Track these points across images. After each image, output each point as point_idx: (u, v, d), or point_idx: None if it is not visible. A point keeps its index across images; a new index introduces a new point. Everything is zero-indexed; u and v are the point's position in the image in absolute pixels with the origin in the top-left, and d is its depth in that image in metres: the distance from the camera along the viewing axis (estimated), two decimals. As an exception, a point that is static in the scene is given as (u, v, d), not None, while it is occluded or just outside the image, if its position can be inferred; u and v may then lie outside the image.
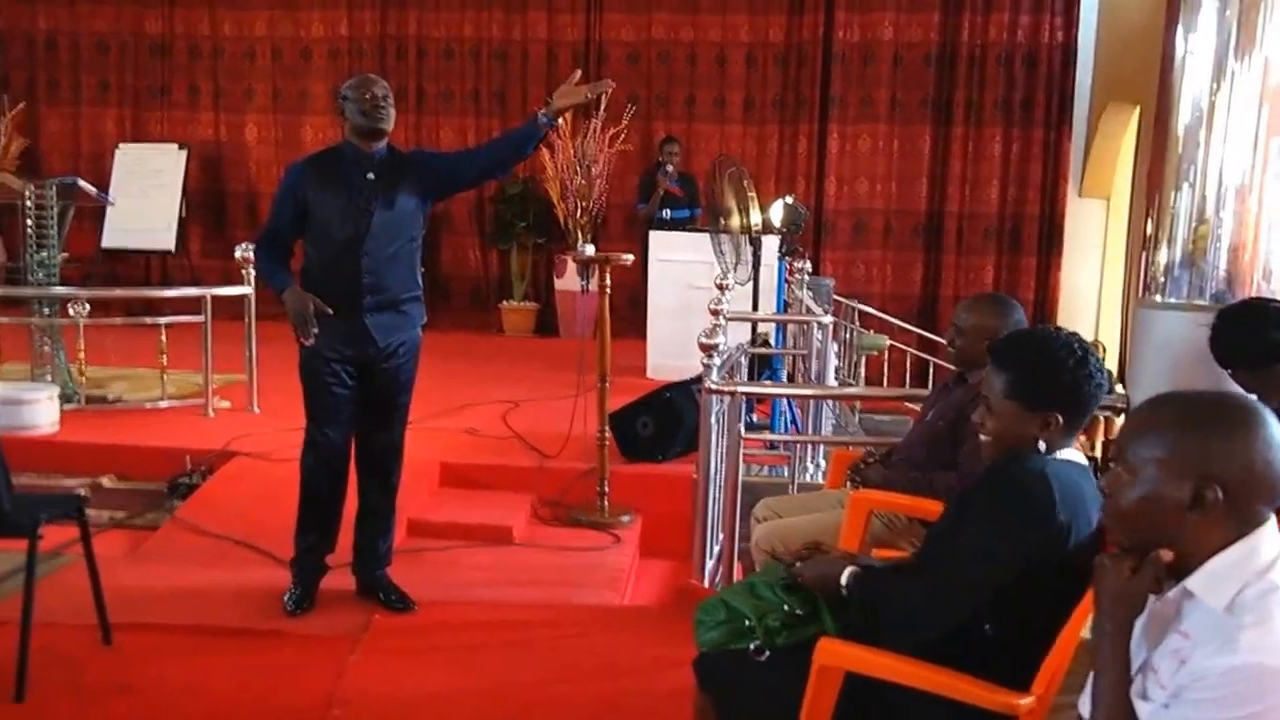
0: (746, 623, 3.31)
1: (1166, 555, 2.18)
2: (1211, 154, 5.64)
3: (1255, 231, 5.61)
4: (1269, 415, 2.17)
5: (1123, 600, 2.24)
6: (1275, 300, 4.59)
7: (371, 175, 5.18)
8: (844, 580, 3.22)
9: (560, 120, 5.42)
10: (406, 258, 5.33)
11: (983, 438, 3.23)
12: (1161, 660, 2.16)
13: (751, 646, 3.26)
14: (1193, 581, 2.16)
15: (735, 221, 8.53)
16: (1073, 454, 3.10)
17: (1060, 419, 3.09)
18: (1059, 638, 2.91)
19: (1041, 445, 3.11)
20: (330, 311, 5.09)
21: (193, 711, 4.51)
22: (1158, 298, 5.77)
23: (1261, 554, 2.12)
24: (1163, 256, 5.78)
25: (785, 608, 3.30)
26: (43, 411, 7.78)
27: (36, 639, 4.45)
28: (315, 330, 5.08)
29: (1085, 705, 2.41)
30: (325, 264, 5.20)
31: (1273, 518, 2.16)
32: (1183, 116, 5.74)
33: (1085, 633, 2.76)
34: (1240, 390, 3.07)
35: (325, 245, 5.20)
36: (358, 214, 5.14)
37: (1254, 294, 5.47)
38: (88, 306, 8.27)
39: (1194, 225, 5.69)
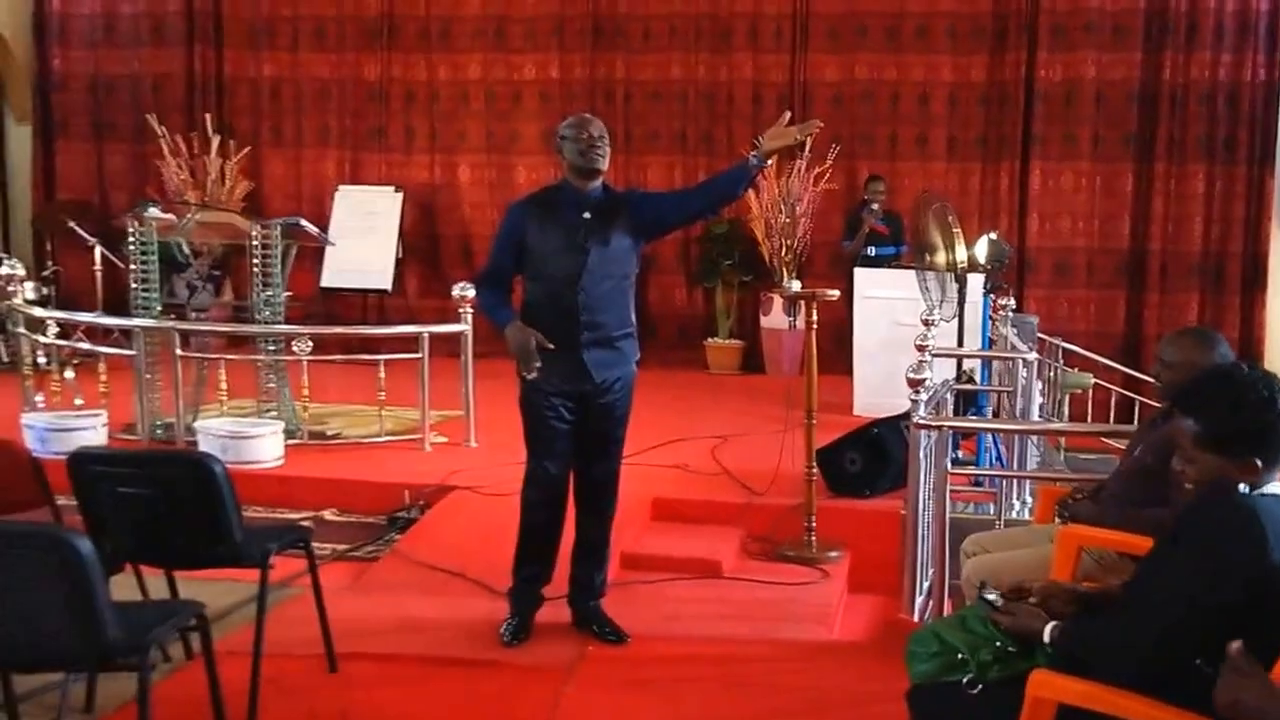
0: (959, 656, 3.38)
1: None
2: None
3: None
4: None
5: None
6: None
7: (588, 214, 5.36)
8: (1047, 637, 3.28)
9: (769, 161, 5.53)
10: (621, 295, 5.51)
11: (1186, 485, 3.27)
12: None
13: (965, 680, 3.32)
14: None
15: (941, 258, 8.56)
16: (1277, 487, 3.13)
17: (1260, 463, 3.12)
18: (1274, 671, 2.90)
19: (1243, 487, 3.14)
20: (551, 346, 5.26)
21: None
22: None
23: None
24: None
25: (998, 643, 3.37)
26: (268, 446, 8.10)
27: (265, 668, 4.66)
28: (539, 364, 5.27)
29: None
30: (544, 300, 5.38)
31: None
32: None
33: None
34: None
35: (544, 282, 5.38)
36: (575, 251, 5.31)
37: None
38: (311, 344, 8.58)
39: None
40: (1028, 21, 13.36)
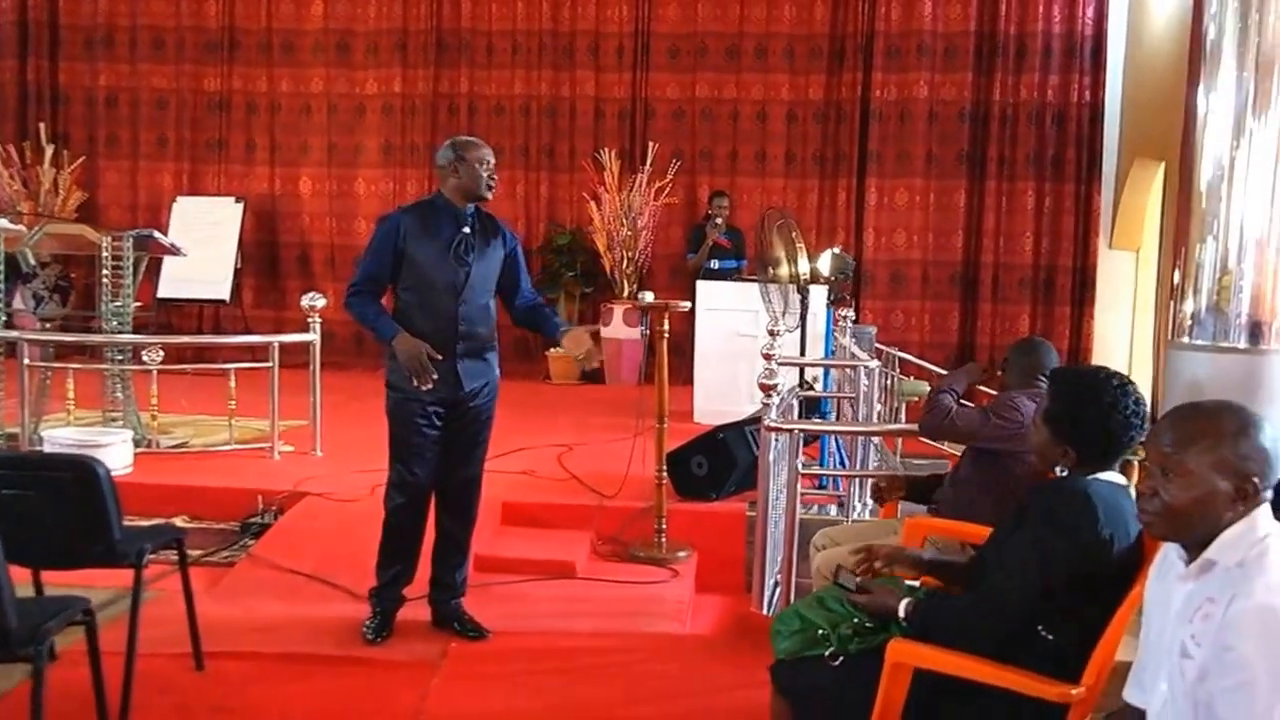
0: (820, 631, 3.58)
1: None
2: (1233, 208, 5.91)
3: (1275, 280, 5.89)
4: (1262, 420, 2.61)
5: None
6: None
7: (467, 230, 5.52)
8: (902, 613, 3.52)
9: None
10: (490, 310, 5.69)
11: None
12: (1196, 625, 2.54)
13: (826, 653, 3.53)
14: (1211, 550, 2.59)
15: (784, 271, 8.79)
16: (1114, 475, 3.40)
17: (1074, 454, 3.43)
18: (1104, 635, 3.23)
19: (1060, 471, 3.44)
20: (440, 357, 5.40)
21: (285, 730, 4.75)
22: (1185, 339, 6.06)
23: (1260, 525, 2.57)
24: (1189, 304, 6.06)
25: (855, 619, 3.59)
26: (117, 454, 7.98)
27: (135, 666, 4.71)
28: (435, 375, 5.41)
29: (1131, 693, 2.80)
30: (421, 310, 5.50)
31: (1267, 503, 2.60)
32: (1205, 172, 6.03)
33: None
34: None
35: (423, 292, 5.50)
36: (458, 263, 5.47)
37: (1276, 339, 5.80)
38: (162, 354, 8.55)
39: (1218, 275, 5.96)
40: (863, 42, 13.76)
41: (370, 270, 5.56)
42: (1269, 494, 2.61)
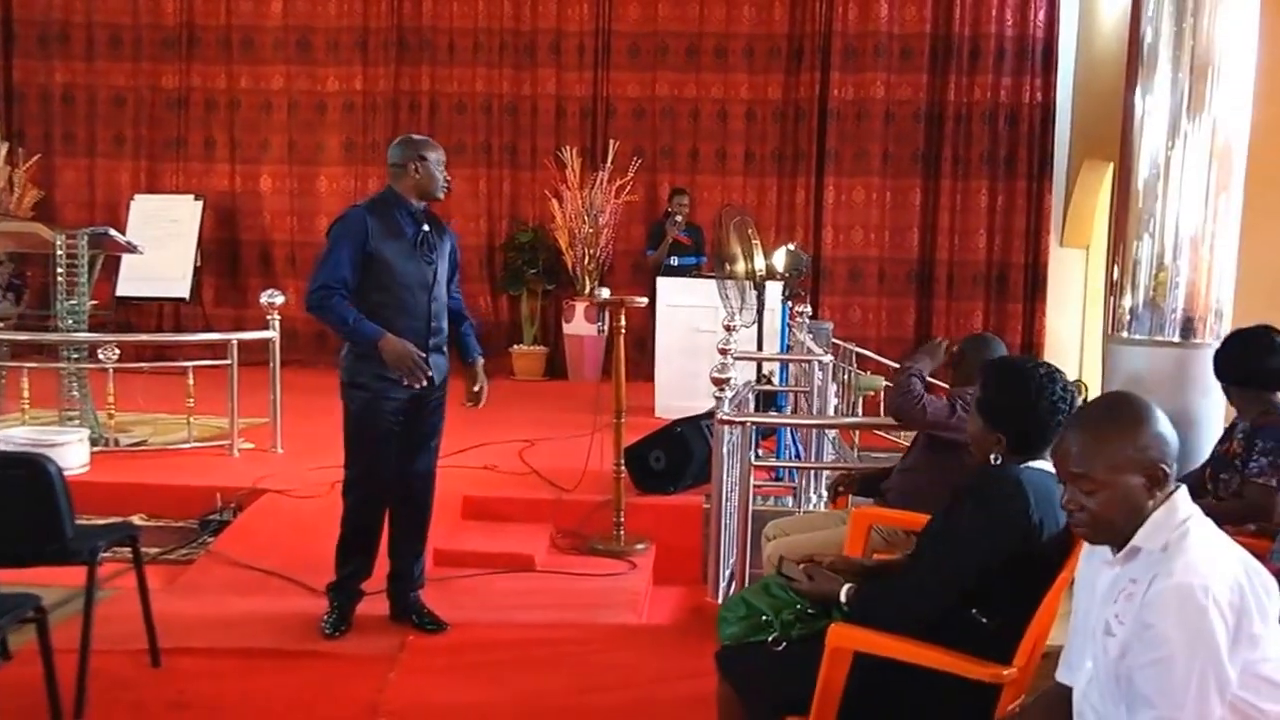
0: (764, 618, 3.67)
1: None
2: (1169, 207, 6.03)
3: (1208, 277, 6.02)
4: (1152, 405, 2.73)
5: None
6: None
7: (426, 227, 5.59)
8: (843, 598, 3.62)
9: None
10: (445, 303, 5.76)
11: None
12: (1120, 605, 2.64)
13: (770, 638, 3.62)
14: (1136, 538, 2.69)
15: (740, 267, 8.86)
16: (1045, 464, 3.49)
17: (1004, 441, 3.54)
18: (1035, 619, 3.33)
19: (994, 459, 3.54)
20: (424, 354, 5.48)
21: (246, 724, 4.79)
22: (1124, 334, 6.18)
23: (1179, 510, 2.67)
24: (1128, 299, 6.18)
25: (799, 605, 3.67)
26: (73, 454, 7.97)
27: (90, 663, 4.73)
28: (430, 372, 5.51)
29: (1061, 672, 2.92)
30: (396, 308, 5.51)
31: (1184, 487, 2.73)
32: (1142, 172, 6.12)
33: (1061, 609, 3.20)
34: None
35: (395, 290, 5.51)
36: (424, 260, 5.54)
37: (1209, 334, 5.93)
38: (117, 352, 8.52)
39: (1155, 271, 6.08)
40: (821, 43, 13.95)
41: (341, 271, 5.45)
42: (1174, 479, 2.72)
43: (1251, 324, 5.24)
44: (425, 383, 5.51)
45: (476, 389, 5.93)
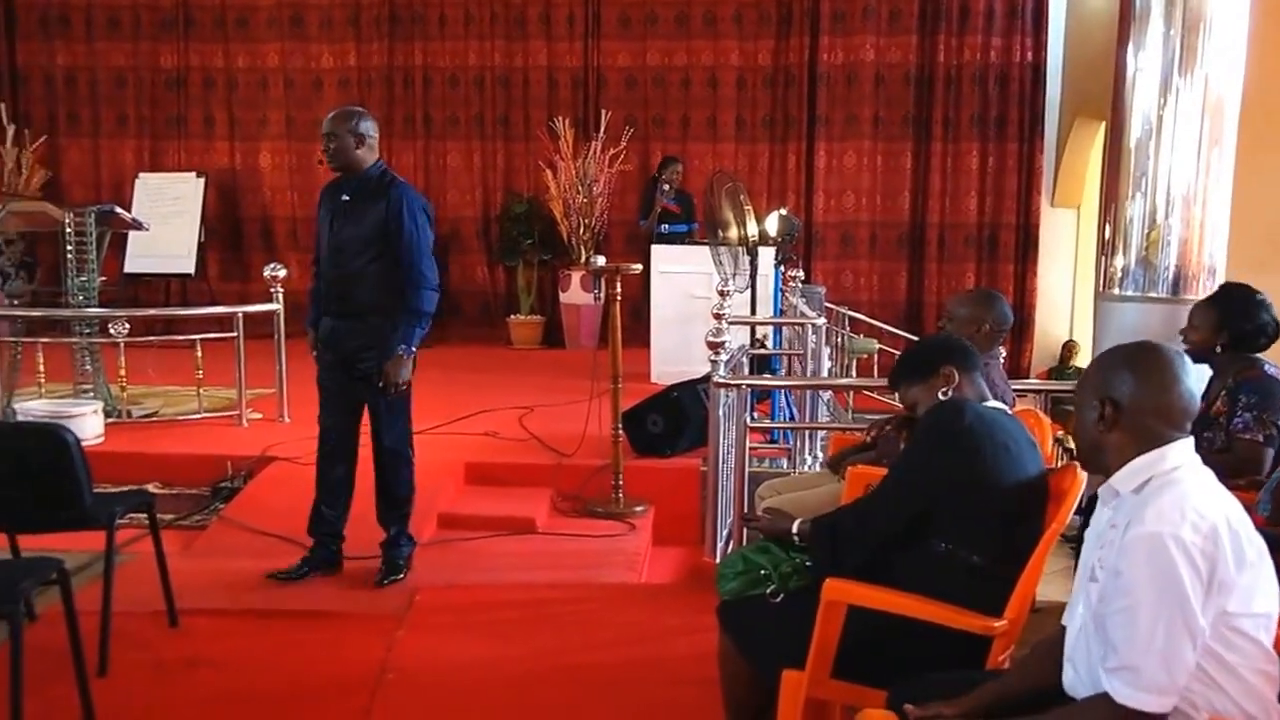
0: (763, 571, 3.80)
1: None
2: (1161, 164, 6.14)
3: (1200, 234, 6.13)
4: (1172, 359, 2.75)
5: None
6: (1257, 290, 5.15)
7: (345, 197, 5.87)
8: (794, 529, 3.81)
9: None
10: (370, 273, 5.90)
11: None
12: (1103, 551, 2.71)
13: (768, 591, 3.76)
14: (1114, 479, 2.73)
15: (733, 233, 9.00)
16: (1000, 405, 3.71)
17: (954, 370, 3.77)
18: (1026, 569, 3.42)
19: (946, 394, 3.75)
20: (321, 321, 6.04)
21: (260, 680, 4.98)
22: (1116, 291, 6.30)
23: (1169, 459, 2.67)
24: (1120, 258, 6.31)
25: (796, 560, 3.81)
26: (88, 425, 8.14)
27: (111, 624, 4.96)
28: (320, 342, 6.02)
29: (1064, 616, 2.94)
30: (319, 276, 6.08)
31: (1188, 440, 2.71)
32: (1135, 130, 6.25)
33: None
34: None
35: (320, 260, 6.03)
36: (331, 230, 5.89)
37: (1201, 290, 6.01)
38: (128, 326, 8.70)
39: (1147, 229, 6.20)
40: (810, 7, 14.02)
41: (317, 250, 6.16)
42: (1174, 435, 2.71)
43: (1243, 280, 5.29)
44: (315, 350, 5.98)
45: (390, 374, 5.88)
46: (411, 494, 6.11)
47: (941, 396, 3.77)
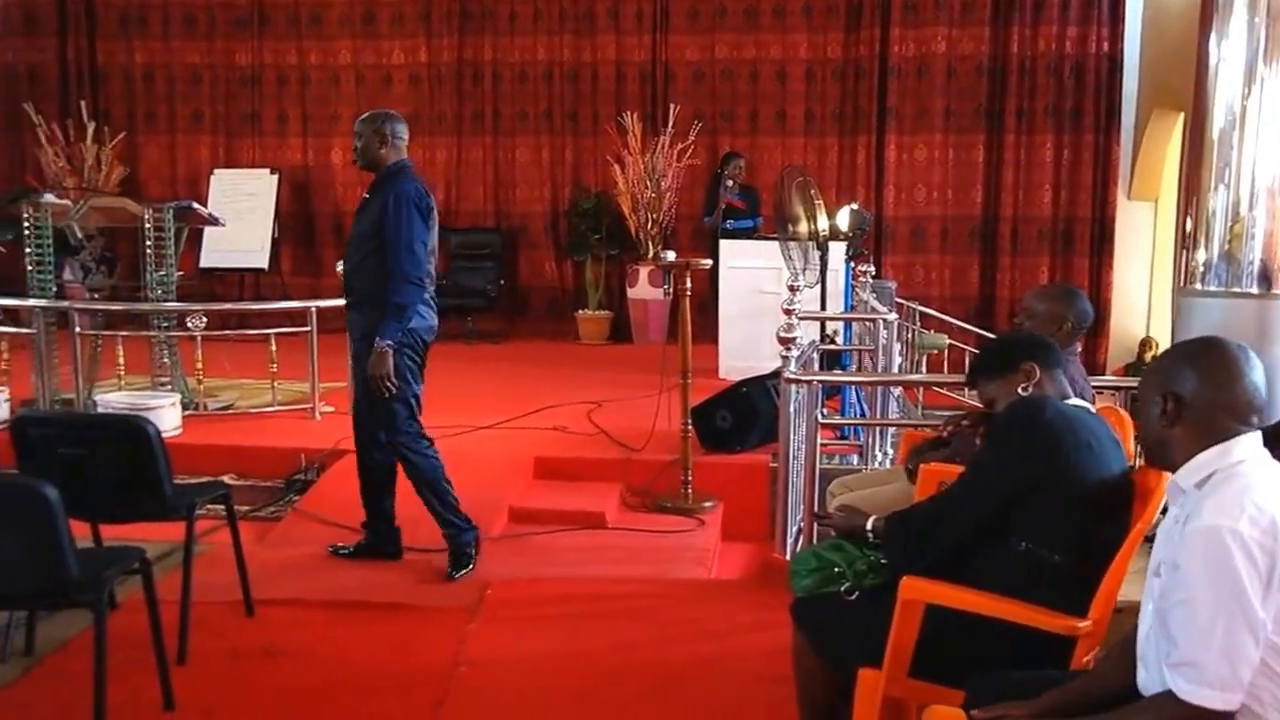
0: (836, 569, 3.76)
1: None
2: (1245, 155, 6.04)
3: (1287, 226, 6.03)
4: (1236, 353, 2.72)
5: None
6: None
7: (366, 194, 6.14)
8: (869, 525, 3.77)
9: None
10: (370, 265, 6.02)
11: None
12: (1166, 547, 2.69)
13: (842, 589, 3.72)
14: (1178, 474, 2.70)
15: (803, 228, 8.97)
16: (1081, 403, 3.67)
17: (1035, 366, 3.74)
18: (1109, 570, 3.37)
19: (1026, 390, 3.72)
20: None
21: (334, 671, 5.04)
22: (1198, 286, 6.19)
23: (1234, 454, 2.63)
24: (1201, 252, 6.21)
25: (871, 558, 3.76)
26: (166, 417, 8.28)
27: (190, 613, 5.05)
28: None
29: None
30: None
31: (1254, 434, 2.68)
32: (1217, 121, 6.14)
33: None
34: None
35: None
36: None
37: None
38: (205, 320, 8.84)
39: (1230, 223, 6.11)
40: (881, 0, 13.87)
41: None
42: (1240, 429, 2.68)
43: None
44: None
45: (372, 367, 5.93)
46: (433, 488, 6.11)
47: (1021, 393, 3.73)
